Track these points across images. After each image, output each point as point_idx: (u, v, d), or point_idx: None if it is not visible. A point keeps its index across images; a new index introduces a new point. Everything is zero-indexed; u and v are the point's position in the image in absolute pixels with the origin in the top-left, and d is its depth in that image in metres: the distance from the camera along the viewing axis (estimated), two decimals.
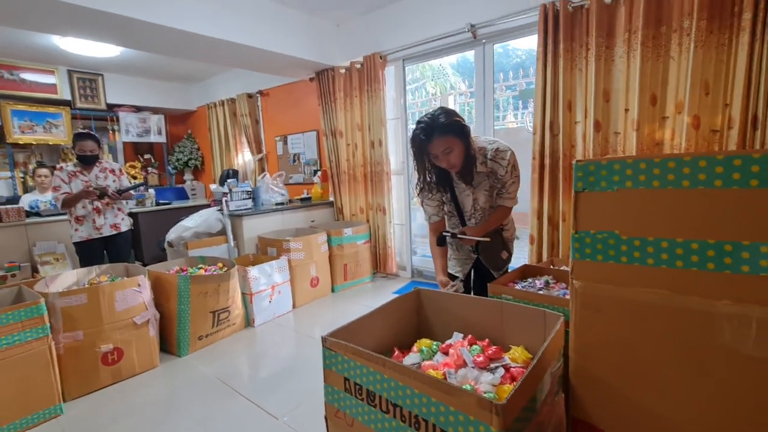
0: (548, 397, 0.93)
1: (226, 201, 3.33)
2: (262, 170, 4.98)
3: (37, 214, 3.65)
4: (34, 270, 3.43)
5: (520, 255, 2.87)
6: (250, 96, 4.91)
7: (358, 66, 3.65)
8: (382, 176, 3.64)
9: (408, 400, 0.83)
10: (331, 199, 4.13)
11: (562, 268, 1.90)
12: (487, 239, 1.61)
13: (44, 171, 4.06)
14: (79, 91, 4.76)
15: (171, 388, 2.14)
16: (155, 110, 5.58)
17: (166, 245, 3.42)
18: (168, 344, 2.49)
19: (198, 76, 5.45)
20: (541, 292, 1.65)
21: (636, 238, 0.76)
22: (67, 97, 4.69)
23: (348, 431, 0.99)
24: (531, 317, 1.13)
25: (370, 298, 3.37)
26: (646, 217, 0.74)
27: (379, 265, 3.86)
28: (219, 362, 2.37)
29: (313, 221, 3.89)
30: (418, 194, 1.67)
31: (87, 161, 2.76)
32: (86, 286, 2.30)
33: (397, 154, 3.77)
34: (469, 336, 1.18)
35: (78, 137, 2.74)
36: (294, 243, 3.13)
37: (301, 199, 4.04)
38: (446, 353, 1.13)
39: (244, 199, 3.46)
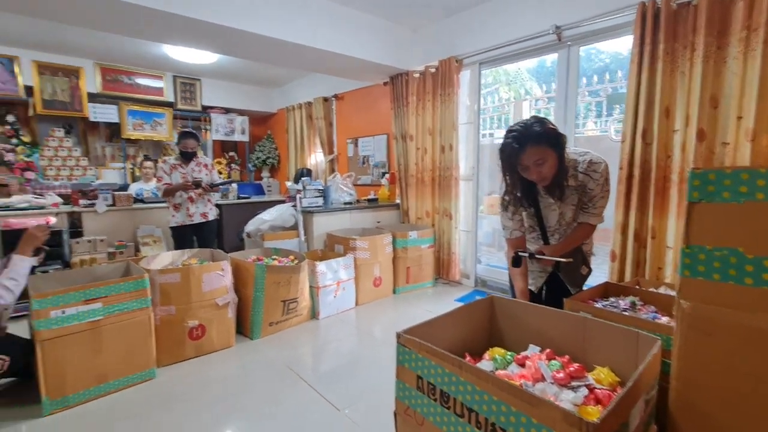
0: (639, 426, 0.85)
1: (299, 198, 3.52)
2: (333, 170, 5.19)
3: (141, 201, 4.16)
4: (137, 249, 3.91)
5: (599, 272, 2.65)
6: (325, 99, 5.16)
7: (433, 70, 3.65)
8: (450, 181, 3.61)
9: (485, 406, 0.81)
10: (398, 201, 4.17)
11: (650, 290, 1.73)
12: (570, 260, 1.49)
13: (149, 163, 4.63)
14: (181, 94, 5.36)
15: (244, 368, 2.30)
16: (241, 112, 6.10)
17: (245, 235, 3.70)
18: (242, 326, 2.68)
19: (279, 81, 5.85)
20: (626, 313, 1.52)
21: (766, 258, 0.66)
22: (171, 99, 5.31)
23: (417, 430, 0.99)
24: (620, 338, 1.04)
25: (431, 303, 3.35)
26: None
27: (441, 270, 3.81)
28: (286, 349, 2.51)
29: (378, 222, 3.96)
30: (503, 208, 1.59)
31: (187, 157, 3.11)
32: (180, 266, 2.57)
33: (468, 160, 3.71)
34: (547, 350, 1.12)
35: (183, 135, 3.09)
36: (360, 242, 3.21)
37: (368, 200, 4.13)
38: (522, 365, 1.08)
39: (316, 197, 3.64)
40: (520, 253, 1.54)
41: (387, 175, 4.31)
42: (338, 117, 5.18)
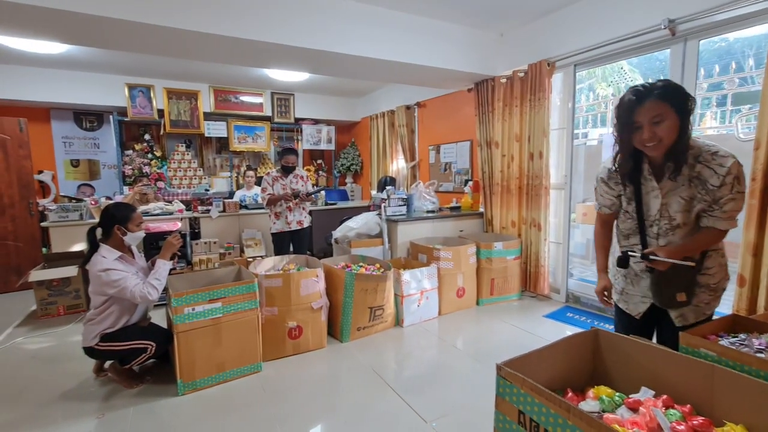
0: None
1: (384, 207, 3.65)
2: (414, 177, 5.26)
3: (245, 207, 4.67)
4: (241, 250, 4.40)
5: (723, 300, 2.31)
6: (408, 107, 5.25)
7: (521, 74, 3.51)
8: (539, 190, 3.43)
9: None
10: (481, 210, 4.09)
11: None
12: (692, 264, 1.33)
13: (251, 173, 5.18)
14: (277, 109, 5.90)
15: (335, 369, 2.47)
16: (328, 122, 6.49)
17: (333, 240, 3.94)
18: (333, 329, 2.88)
19: (363, 91, 6.10)
20: (761, 355, 1.32)
21: None
22: (269, 113, 5.86)
23: None
24: (757, 393, 0.92)
25: (516, 317, 3.23)
26: None
27: (528, 283, 3.65)
28: (373, 353, 2.63)
29: (461, 231, 3.93)
30: (602, 180, 1.53)
31: (287, 170, 3.43)
32: (280, 271, 2.85)
33: (559, 167, 3.50)
34: (664, 396, 1.04)
35: (285, 152, 3.43)
36: (444, 252, 3.22)
37: (451, 208, 4.12)
38: (633, 410, 1.01)
39: (399, 205, 3.73)
40: (629, 253, 1.41)
41: (470, 183, 4.25)
42: (420, 124, 5.25)
